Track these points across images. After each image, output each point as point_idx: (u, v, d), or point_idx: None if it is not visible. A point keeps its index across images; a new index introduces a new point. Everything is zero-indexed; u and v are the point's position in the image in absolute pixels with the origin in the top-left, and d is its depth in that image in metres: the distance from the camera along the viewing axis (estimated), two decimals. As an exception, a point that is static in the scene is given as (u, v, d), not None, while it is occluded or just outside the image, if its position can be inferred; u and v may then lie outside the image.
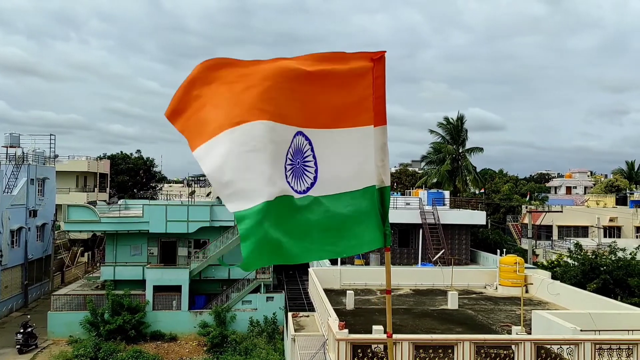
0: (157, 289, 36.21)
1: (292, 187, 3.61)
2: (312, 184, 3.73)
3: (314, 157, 3.74)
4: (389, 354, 3.89)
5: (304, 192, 3.69)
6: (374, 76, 3.79)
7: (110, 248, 38.99)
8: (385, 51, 3.80)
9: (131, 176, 69.13)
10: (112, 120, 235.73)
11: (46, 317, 35.03)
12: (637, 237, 50.35)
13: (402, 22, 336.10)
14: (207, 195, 67.25)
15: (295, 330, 21.69)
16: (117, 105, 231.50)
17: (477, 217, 37.29)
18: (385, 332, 16.00)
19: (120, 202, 47.11)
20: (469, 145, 55.54)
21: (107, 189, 62.62)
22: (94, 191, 57.21)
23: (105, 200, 53.94)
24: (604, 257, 28.15)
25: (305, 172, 3.72)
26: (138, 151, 73.32)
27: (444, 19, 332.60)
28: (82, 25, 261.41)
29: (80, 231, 43.75)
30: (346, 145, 3.78)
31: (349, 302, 22.21)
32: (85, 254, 51.10)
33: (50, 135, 48.02)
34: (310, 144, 3.72)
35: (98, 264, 46.55)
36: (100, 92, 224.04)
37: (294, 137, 3.61)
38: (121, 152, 71.64)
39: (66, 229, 40.80)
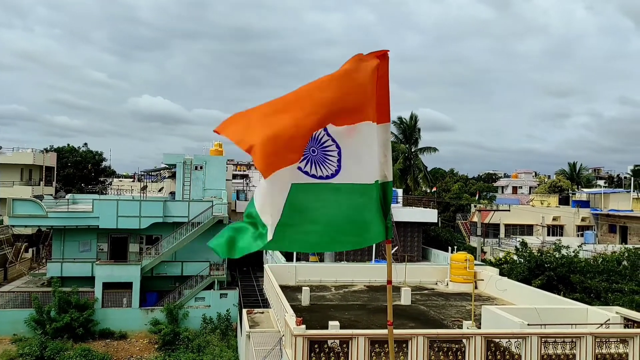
0: (107, 285, 35.36)
1: (308, 174, 3.77)
2: (337, 171, 3.86)
3: (337, 146, 3.86)
4: (389, 342, 4.06)
5: (329, 177, 3.84)
6: (378, 75, 3.91)
7: (57, 244, 37.82)
8: (388, 50, 3.94)
9: (79, 170, 67.09)
10: (58, 112, 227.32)
11: (-12, 315, 33.66)
12: (578, 236, 52.63)
13: (356, 21, 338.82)
14: (159, 190, 66.01)
15: (250, 327, 21.66)
16: (63, 97, 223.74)
17: (429, 215, 38.15)
18: (341, 327, 16.25)
19: (68, 196, 45.71)
20: (421, 144, 56.72)
21: (54, 183, 60.52)
22: (39, 185, 55.11)
23: (51, 195, 52.15)
24: (549, 254, 29.37)
25: (328, 158, 3.84)
26: (85, 144, 71.37)
27: (396, 20, 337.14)
28: (28, 13, 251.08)
29: (26, 226, 42.14)
30: (355, 141, 3.92)
31: (305, 298, 22.35)
32: (30, 250, 49.26)
33: (-6, 126, 46.06)
34: (328, 133, 3.83)
35: (44, 260, 44.98)
36: (45, 83, 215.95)
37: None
38: (68, 144, 69.49)
39: (10, 224, 39.24)
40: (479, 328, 16.94)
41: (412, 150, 56.05)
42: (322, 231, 3.86)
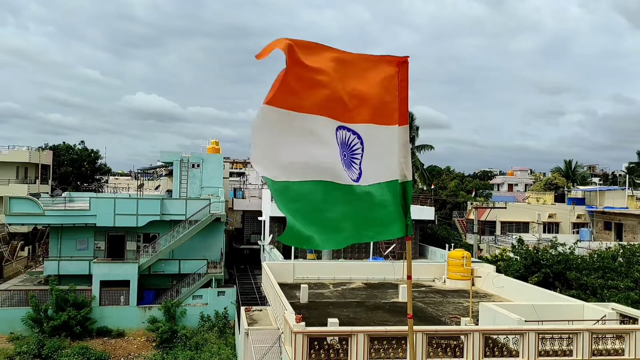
0: (104, 284, 35.38)
1: (348, 176, 4.09)
2: (360, 174, 4.15)
3: (362, 149, 4.14)
4: (409, 335, 4.18)
5: (356, 180, 4.15)
6: (399, 79, 4.12)
7: (54, 242, 37.79)
8: (408, 56, 4.15)
9: (75, 168, 66.97)
10: (51, 110, 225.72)
11: (-15, 314, 33.62)
12: (573, 233, 52.88)
13: (350, 18, 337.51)
14: (156, 188, 65.94)
15: (249, 325, 21.73)
16: (56, 94, 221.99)
17: (426, 213, 38.28)
18: (340, 324, 16.32)
19: (65, 194, 45.64)
20: (417, 142, 56.85)
21: (49, 181, 60.39)
22: (35, 183, 55.05)
23: (47, 193, 52.05)
24: (545, 251, 29.53)
25: (353, 163, 4.13)
26: (82, 142, 71.15)
27: (391, 18, 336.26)
28: (21, 10, 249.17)
29: (22, 224, 42.10)
30: (379, 140, 4.15)
31: (303, 295, 22.42)
32: (26, 248, 49.19)
33: (-11, 124, 45.90)
34: (359, 138, 4.10)
35: (41, 259, 44.95)
36: (38, 80, 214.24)
37: (337, 130, 3.99)
38: (64, 142, 69.36)
39: (7, 222, 39.20)
40: (477, 325, 17.06)
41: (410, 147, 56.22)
42: (350, 226, 4.13)
